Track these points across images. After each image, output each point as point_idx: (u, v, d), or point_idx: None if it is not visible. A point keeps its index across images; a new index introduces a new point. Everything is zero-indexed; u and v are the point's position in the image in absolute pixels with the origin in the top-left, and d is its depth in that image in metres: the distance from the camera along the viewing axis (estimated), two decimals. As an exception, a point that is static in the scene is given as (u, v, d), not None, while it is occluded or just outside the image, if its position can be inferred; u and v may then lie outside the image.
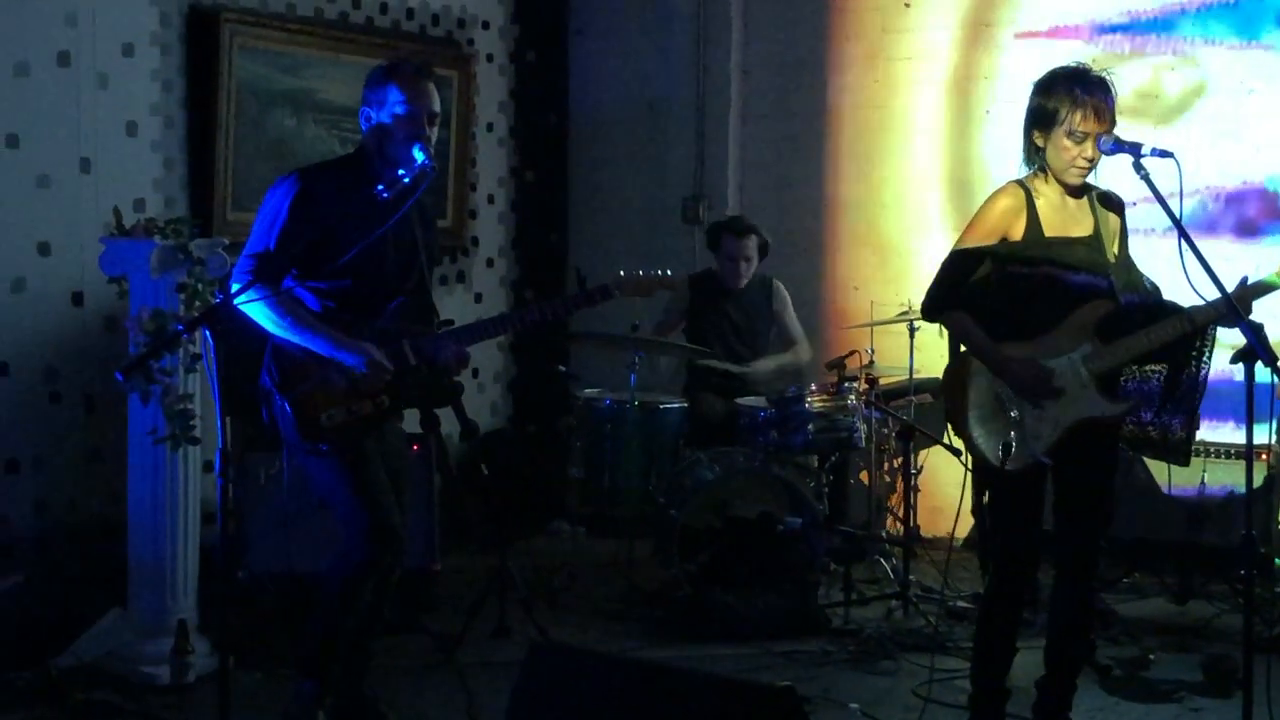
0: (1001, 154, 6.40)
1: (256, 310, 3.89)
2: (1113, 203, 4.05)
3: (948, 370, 4.17)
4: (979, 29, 6.93)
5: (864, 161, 7.25)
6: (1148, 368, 4.09)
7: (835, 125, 7.29)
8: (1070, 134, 3.85)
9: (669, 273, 4.53)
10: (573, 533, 6.27)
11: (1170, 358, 4.04)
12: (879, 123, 7.20)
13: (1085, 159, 3.87)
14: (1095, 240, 3.98)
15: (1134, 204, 4.10)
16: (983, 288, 4.02)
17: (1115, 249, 4.02)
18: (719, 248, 6.42)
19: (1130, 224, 4.08)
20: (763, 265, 6.55)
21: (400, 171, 3.90)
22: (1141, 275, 4.09)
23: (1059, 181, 3.95)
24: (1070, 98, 3.85)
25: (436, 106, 4.05)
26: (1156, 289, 4.09)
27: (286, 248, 3.92)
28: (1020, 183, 4.00)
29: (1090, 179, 3.99)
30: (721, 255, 6.41)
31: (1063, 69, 3.95)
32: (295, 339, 3.93)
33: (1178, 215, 3.71)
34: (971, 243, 4.00)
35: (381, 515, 4.01)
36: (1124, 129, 3.93)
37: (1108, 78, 3.91)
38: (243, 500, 5.20)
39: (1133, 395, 4.04)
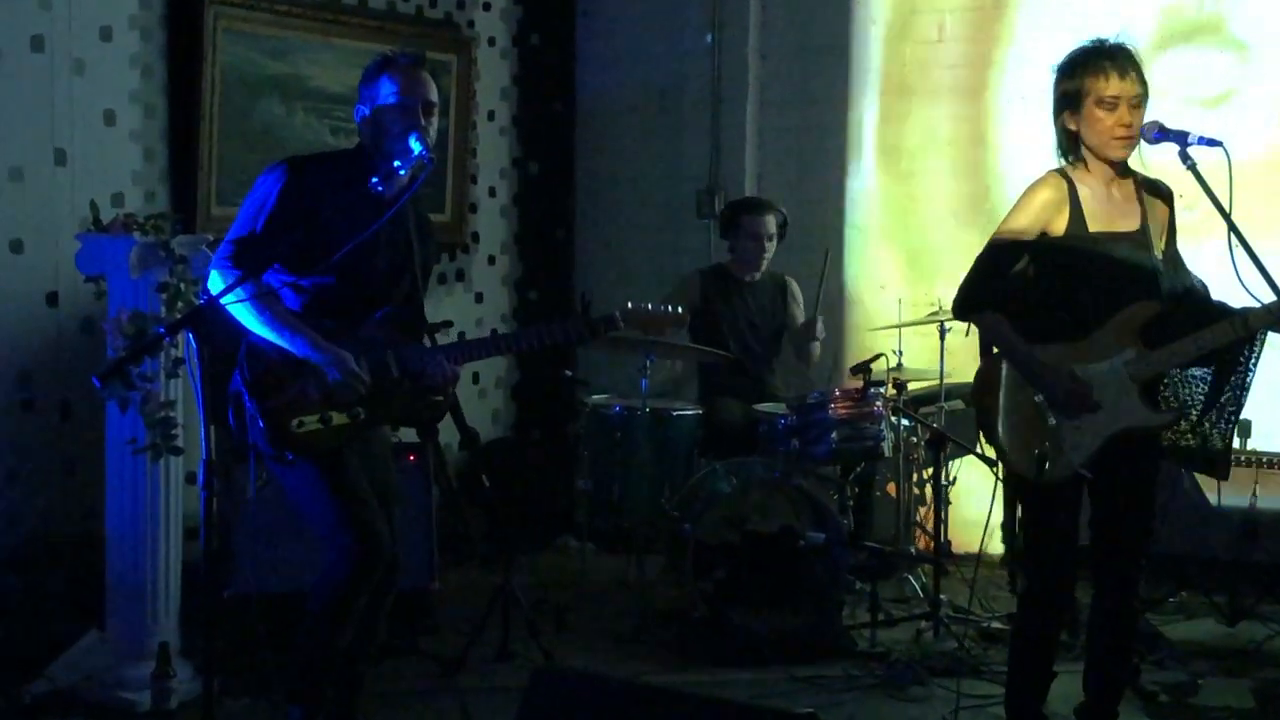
0: (1038, 143, 6.38)
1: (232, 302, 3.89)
2: (1160, 192, 4.05)
3: (979, 372, 4.16)
4: (1013, 9, 6.92)
5: (891, 151, 7.25)
6: (1190, 371, 4.09)
7: (859, 113, 7.28)
8: (1100, 102, 3.86)
9: (680, 309, 4.51)
10: (580, 548, 6.26)
11: (1217, 362, 4.04)
12: (907, 110, 7.20)
13: (1124, 126, 3.86)
14: (1142, 235, 3.97)
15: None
16: (1020, 285, 4.02)
17: (1163, 243, 4.02)
18: (737, 229, 6.41)
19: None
20: (784, 264, 6.55)
21: (396, 163, 3.91)
22: (1189, 272, 4.09)
23: (1103, 162, 3.95)
24: (1091, 66, 3.88)
25: (434, 96, 4.06)
26: (1205, 287, 4.08)
27: (271, 237, 3.92)
28: (1062, 172, 4.00)
29: (1136, 166, 4.00)
30: (741, 237, 6.40)
31: (1078, 47, 3.97)
32: (270, 335, 3.91)
33: (1227, 209, 3.71)
34: (1009, 236, 4.00)
35: (363, 528, 3.99)
36: (1169, 115, 3.94)
37: (1126, 43, 3.92)
38: (228, 514, 5.17)
39: (1174, 403, 4.03)
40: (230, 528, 5.20)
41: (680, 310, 4.51)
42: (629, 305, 4.35)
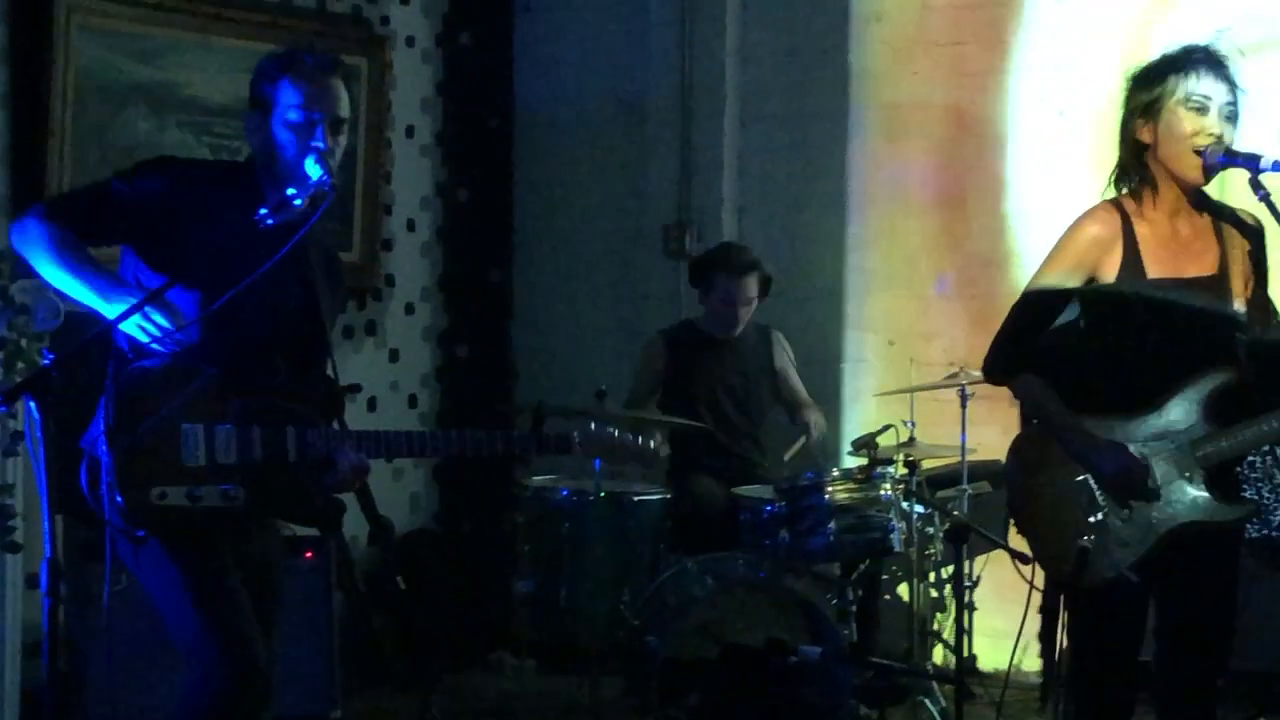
0: (1079, 168, 6.43)
1: (28, 246, 3.85)
2: (1246, 229, 4.05)
3: (1016, 444, 4.19)
4: (1049, 7, 6.96)
5: (901, 178, 7.28)
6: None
7: (863, 130, 7.32)
8: (1187, 100, 3.89)
9: (654, 444, 4.51)
10: (519, 667, 6.22)
11: (1312, 442, 4.05)
12: (920, 126, 7.23)
13: (1211, 134, 3.87)
14: (1220, 282, 3.99)
15: None
16: (1066, 341, 4.05)
17: (1248, 293, 4.02)
18: (709, 288, 6.46)
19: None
20: (770, 314, 6.54)
21: (291, 191, 3.88)
22: None
23: (1175, 186, 3.95)
24: (1177, 67, 3.92)
25: (344, 111, 4.04)
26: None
27: (121, 206, 3.90)
28: (1116, 203, 4.03)
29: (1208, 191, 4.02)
30: (712, 298, 6.44)
31: (1161, 54, 4.00)
32: (59, 277, 3.83)
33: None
34: (1050, 282, 4.02)
35: (232, 639, 3.89)
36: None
37: (1220, 48, 3.95)
38: (79, 626, 5.12)
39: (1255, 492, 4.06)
40: (82, 643, 5.14)
41: (653, 446, 4.52)
42: (591, 428, 4.35)
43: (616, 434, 4.42)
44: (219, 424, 3.87)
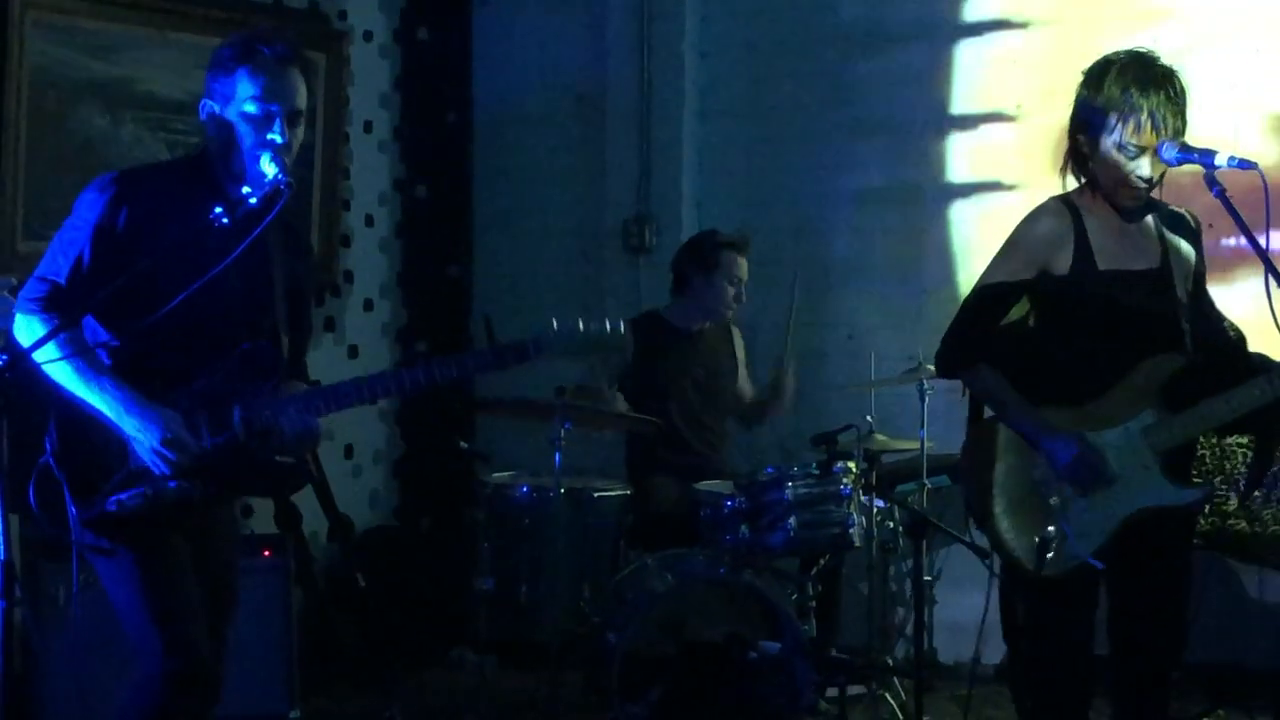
0: (1037, 166, 6.47)
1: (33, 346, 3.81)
2: (1186, 226, 4.12)
3: (968, 440, 4.21)
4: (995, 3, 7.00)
5: (861, 172, 7.30)
6: (1229, 441, 4.14)
7: (824, 124, 7.34)
8: (1121, 148, 3.92)
9: (621, 327, 4.43)
10: (479, 663, 6.21)
11: (1258, 428, 4.09)
12: (879, 120, 7.24)
13: (1140, 177, 3.92)
14: (1163, 275, 4.04)
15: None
16: (1017, 335, 4.08)
17: (1189, 286, 4.08)
18: (713, 269, 6.42)
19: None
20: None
21: (246, 190, 3.87)
22: (1223, 319, 4.15)
23: (1109, 202, 4.00)
24: (1122, 100, 3.92)
25: (302, 103, 4.03)
26: (1242, 338, 4.14)
27: (96, 272, 3.87)
28: (1067, 199, 4.07)
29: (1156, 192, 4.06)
30: (718, 278, 6.41)
31: (1120, 56, 4.00)
32: (83, 394, 3.84)
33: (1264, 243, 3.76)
34: (1003, 276, 4.06)
35: (175, 634, 3.91)
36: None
37: (1175, 72, 3.96)
38: (35, 630, 5.11)
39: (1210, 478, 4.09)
40: (38, 647, 5.12)
41: (621, 328, 4.43)
42: (554, 324, 4.21)
43: (582, 325, 4.29)
44: None
